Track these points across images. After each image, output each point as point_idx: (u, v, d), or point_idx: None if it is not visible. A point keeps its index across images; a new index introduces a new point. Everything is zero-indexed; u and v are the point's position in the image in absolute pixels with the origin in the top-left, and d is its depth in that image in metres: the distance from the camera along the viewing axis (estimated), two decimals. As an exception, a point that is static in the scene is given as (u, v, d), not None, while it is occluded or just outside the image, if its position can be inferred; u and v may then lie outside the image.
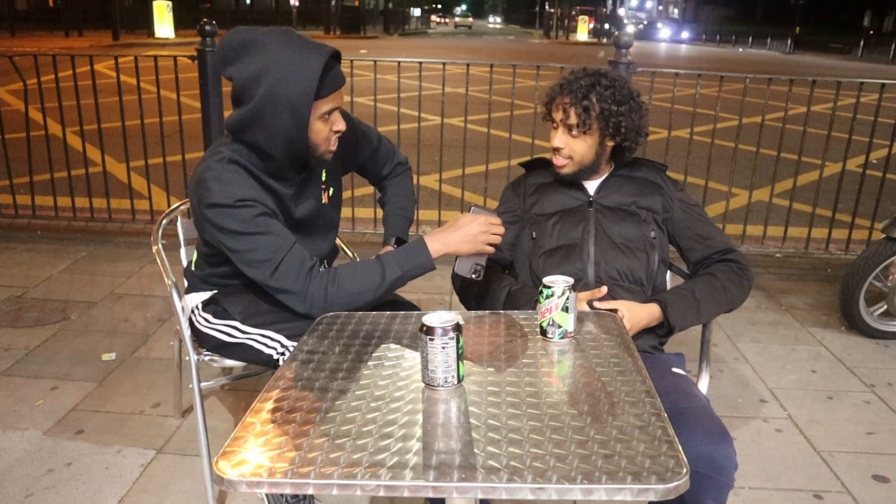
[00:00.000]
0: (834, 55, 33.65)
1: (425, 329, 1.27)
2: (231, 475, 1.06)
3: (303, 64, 1.59)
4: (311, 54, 1.60)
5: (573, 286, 1.49)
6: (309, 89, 1.59)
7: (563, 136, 1.90)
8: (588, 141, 1.89)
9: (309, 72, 1.58)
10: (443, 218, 4.51)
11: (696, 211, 2.00)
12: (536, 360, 1.43)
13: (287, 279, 1.65)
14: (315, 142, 1.70)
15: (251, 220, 1.64)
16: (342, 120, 1.73)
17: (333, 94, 1.66)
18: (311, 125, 1.66)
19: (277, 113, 1.61)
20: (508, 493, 1.03)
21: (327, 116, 1.68)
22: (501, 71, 4.39)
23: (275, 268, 1.65)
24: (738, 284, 1.89)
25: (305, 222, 1.85)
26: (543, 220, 1.97)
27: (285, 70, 1.58)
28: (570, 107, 1.85)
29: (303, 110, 1.61)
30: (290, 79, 1.58)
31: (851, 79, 4.15)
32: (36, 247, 4.25)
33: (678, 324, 1.82)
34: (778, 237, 4.45)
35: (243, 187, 1.65)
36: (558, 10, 45.82)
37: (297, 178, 1.79)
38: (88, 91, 4.23)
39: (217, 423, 2.50)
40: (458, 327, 1.28)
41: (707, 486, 1.47)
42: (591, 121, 1.85)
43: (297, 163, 1.75)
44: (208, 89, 3.97)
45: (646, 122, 1.93)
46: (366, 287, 1.67)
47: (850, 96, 4.53)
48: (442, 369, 1.28)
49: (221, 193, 1.63)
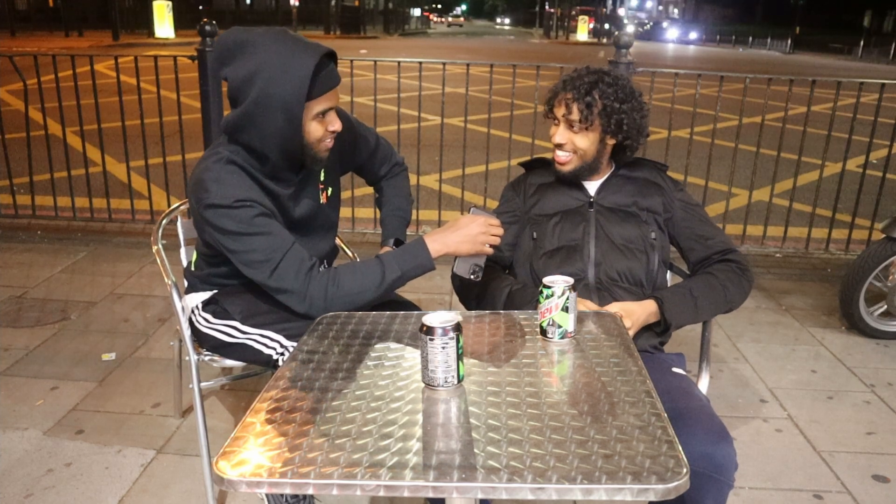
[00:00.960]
0: (834, 55, 33.66)
1: (425, 329, 1.27)
2: (231, 475, 1.06)
3: (295, 64, 1.58)
4: (303, 54, 1.60)
5: (573, 286, 1.49)
6: (301, 89, 1.59)
7: (565, 131, 1.90)
8: (590, 137, 1.89)
9: (301, 71, 1.58)
10: (443, 218, 4.51)
11: (697, 211, 2.00)
12: (536, 360, 1.43)
13: (286, 279, 1.65)
14: (310, 142, 1.70)
15: (249, 221, 1.63)
16: (338, 120, 1.73)
17: (327, 94, 1.66)
18: (306, 125, 1.66)
19: (271, 113, 1.61)
20: (508, 493, 1.03)
21: (322, 117, 1.68)
22: (501, 71, 4.39)
23: (273, 268, 1.65)
24: (738, 284, 1.89)
25: (304, 222, 1.85)
26: (544, 220, 1.97)
27: (278, 70, 1.58)
28: (573, 102, 1.86)
29: (295, 110, 1.61)
30: (283, 79, 1.58)
31: (851, 79, 4.15)
32: (36, 247, 4.25)
33: (675, 320, 1.81)
34: (778, 237, 4.45)
35: (241, 188, 1.65)
36: (558, 10, 45.83)
37: (294, 178, 1.79)
38: (88, 91, 4.23)
39: (217, 423, 2.50)
40: (458, 327, 1.28)
41: (707, 486, 1.47)
42: (593, 117, 1.85)
43: (294, 163, 1.75)
44: (208, 89, 3.97)
45: (647, 121, 1.94)
46: (366, 287, 1.67)
47: (850, 96, 4.52)
48: (442, 369, 1.28)
49: (220, 194, 1.63)
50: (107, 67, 9.49)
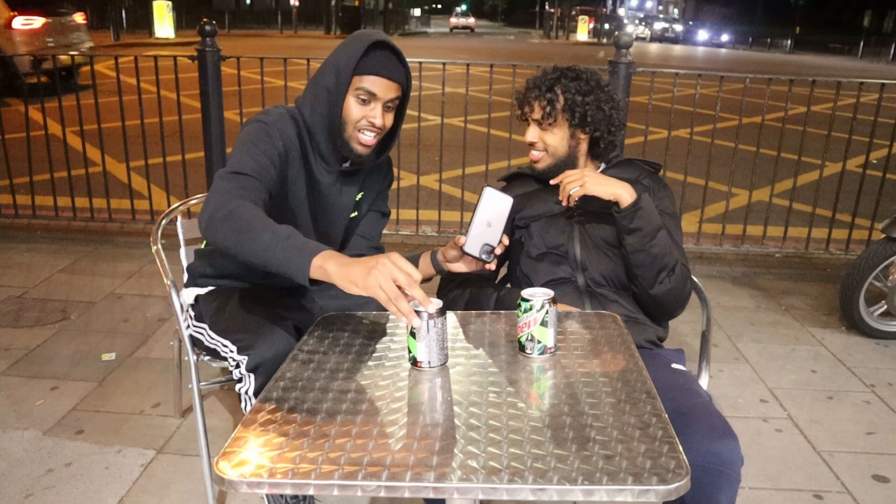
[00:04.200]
0: (834, 55, 33.66)
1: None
2: (231, 475, 1.06)
3: (359, 38, 1.69)
4: (369, 36, 1.70)
5: (553, 300, 1.43)
6: (353, 57, 1.66)
7: (534, 129, 1.91)
8: (558, 134, 1.89)
9: (359, 44, 1.67)
10: (443, 218, 4.51)
11: (667, 221, 1.92)
12: (538, 361, 1.43)
13: (217, 185, 1.58)
14: (346, 118, 1.71)
15: (257, 136, 1.67)
16: (381, 116, 1.73)
17: (376, 78, 1.69)
18: (347, 97, 1.70)
19: (326, 73, 1.71)
20: (509, 494, 1.03)
21: (363, 96, 1.69)
22: (501, 71, 4.38)
23: (224, 173, 1.60)
24: (682, 276, 1.84)
25: (324, 217, 1.85)
26: (529, 225, 1.97)
27: (345, 43, 1.72)
28: (535, 100, 1.88)
29: (343, 76, 1.67)
30: (345, 47, 1.71)
31: (851, 79, 4.15)
32: (36, 247, 4.25)
33: (645, 207, 1.76)
34: (778, 237, 4.45)
35: (286, 127, 1.72)
36: (558, 11, 45.82)
37: (335, 166, 1.80)
38: (88, 91, 4.23)
39: (217, 423, 2.50)
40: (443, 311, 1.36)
41: (719, 482, 1.46)
42: (556, 112, 1.86)
43: (335, 146, 1.75)
44: (208, 89, 3.97)
45: (620, 114, 1.93)
46: (244, 241, 1.46)
47: (850, 96, 4.53)
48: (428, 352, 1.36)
49: (260, 115, 1.73)
50: (107, 67, 9.49)
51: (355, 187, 1.88)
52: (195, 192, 3.16)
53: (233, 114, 4.38)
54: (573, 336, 1.55)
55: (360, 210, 1.94)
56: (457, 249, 1.68)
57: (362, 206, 1.95)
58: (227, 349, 1.74)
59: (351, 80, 1.68)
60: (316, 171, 1.79)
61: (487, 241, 1.62)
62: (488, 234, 1.62)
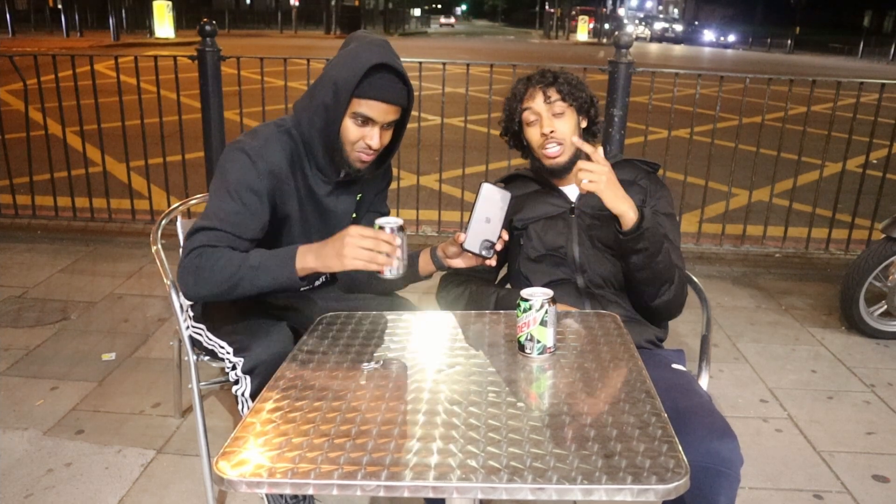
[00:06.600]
0: (834, 55, 33.66)
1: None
2: (231, 475, 1.06)
3: (362, 55, 1.62)
4: (373, 53, 1.62)
5: (553, 299, 1.43)
6: (354, 77, 1.60)
7: (548, 120, 1.87)
8: (569, 121, 1.88)
9: (361, 62, 1.61)
10: (443, 218, 4.51)
11: (663, 222, 1.93)
12: (537, 360, 1.43)
13: (192, 243, 1.60)
14: (343, 138, 1.68)
15: (240, 183, 1.63)
16: (378, 138, 1.68)
17: (374, 102, 1.63)
18: (344, 119, 1.66)
19: (324, 88, 1.66)
20: (508, 494, 1.03)
21: (359, 120, 1.66)
22: (501, 71, 4.38)
23: (199, 228, 1.61)
24: (681, 284, 1.85)
25: (322, 229, 1.82)
26: (528, 226, 1.97)
27: (347, 57, 1.64)
28: (549, 87, 1.87)
29: (342, 94, 1.62)
30: (346, 63, 1.63)
31: (851, 79, 4.15)
32: (36, 247, 4.25)
33: (649, 226, 1.74)
34: (778, 237, 4.45)
35: (272, 153, 1.68)
36: (558, 11, 45.82)
37: (332, 177, 1.78)
38: (88, 91, 4.23)
39: (217, 423, 2.50)
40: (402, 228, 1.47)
41: (719, 481, 1.46)
42: (573, 90, 1.88)
43: (332, 160, 1.73)
44: (208, 89, 3.97)
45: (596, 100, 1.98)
46: (228, 291, 1.59)
47: (850, 96, 4.52)
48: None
49: (249, 141, 1.68)
50: (107, 67, 9.48)
51: (354, 192, 1.88)
52: (195, 192, 3.16)
53: (233, 114, 4.38)
54: (573, 336, 1.55)
55: (359, 212, 1.94)
56: (457, 245, 1.68)
57: (362, 208, 1.95)
58: (224, 350, 1.74)
59: (349, 102, 1.63)
60: (313, 183, 1.77)
61: (487, 236, 1.63)
62: (488, 230, 1.62)
